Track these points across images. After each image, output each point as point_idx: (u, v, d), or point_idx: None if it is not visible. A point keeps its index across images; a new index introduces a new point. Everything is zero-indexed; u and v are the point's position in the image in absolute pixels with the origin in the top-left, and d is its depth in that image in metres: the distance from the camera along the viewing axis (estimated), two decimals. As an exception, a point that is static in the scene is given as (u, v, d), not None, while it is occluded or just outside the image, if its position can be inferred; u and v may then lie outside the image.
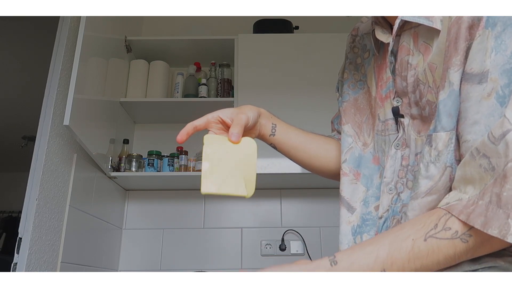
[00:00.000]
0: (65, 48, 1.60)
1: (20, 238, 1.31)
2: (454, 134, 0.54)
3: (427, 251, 0.51)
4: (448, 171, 0.55)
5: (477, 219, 0.47)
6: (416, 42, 0.63)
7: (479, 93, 0.50)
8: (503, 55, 0.48)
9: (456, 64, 0.53)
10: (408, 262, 0.52)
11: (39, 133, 1.45)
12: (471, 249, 0.50)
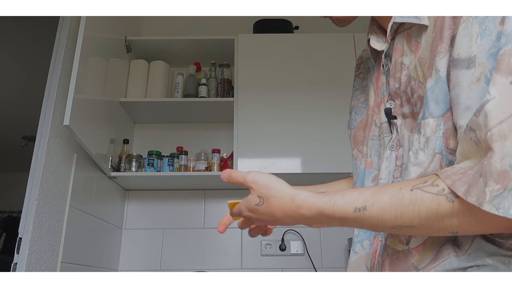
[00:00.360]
0: (65, 48, 1.60)
1: (20, 238, 1.31)
2: (442, 120, 0.55)
3: (410, 199, 0.51)
4: (438, 158, 0.56)
5: (461, 186, 0.47)
6: (409, 43, 0.65)
7: (468, 78, 0.51)
8: (489, 39, 0.50)
9: (442, 52, 0.55)
10: (389, 206, 0.52)
11: (39, 133, 1.45)
12: (456, 213, 0.49)
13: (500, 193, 0.44)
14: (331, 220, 0.56)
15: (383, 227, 0.54)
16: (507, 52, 0.47)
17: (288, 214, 0.57)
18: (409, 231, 0.54)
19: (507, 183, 0.44)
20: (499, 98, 0.47)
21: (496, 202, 0.44)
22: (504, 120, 0.46)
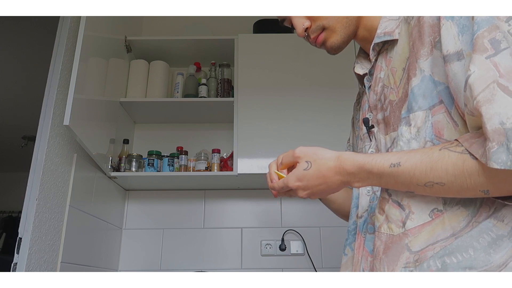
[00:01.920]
0: (65, 48, 1.60)
1: (20, 238, 1.31)
2: (430, 113, 0.64)
3: (439, 156, 0.57)
4: (429, 146, 0.63)
5: (478, 150, 0.54)
6: (385, 59, 0.75)
7: (461, 68, 0.58)
8: (468, 34, 0.59)
9: (424, 55, 0.65)
10: (420, 162, 0.58)
11: (39, 133, 1.45)
12: (481, 171, 0.54)
13: (497, 148, 0.50)
14: (370, 175, 0.62)
15: (416, 184, 0.59)
16: (479, 35, 0.56)
17: (334, 171, 0.65)
18: (440, 190, 0.58)
19: (501, 139, 0.50)
20: (478, 71, 0.54)
21: (495, 158, 0.50)
22: (485, 87, 0.53)
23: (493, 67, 0.54)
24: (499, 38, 0.55)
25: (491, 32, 0.56)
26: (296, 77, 2.03)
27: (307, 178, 0.67)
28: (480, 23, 0.57)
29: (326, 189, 0.68)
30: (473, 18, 0.59)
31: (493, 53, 0.55)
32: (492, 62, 0.54)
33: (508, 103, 0.51)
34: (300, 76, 2.03)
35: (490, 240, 0.57)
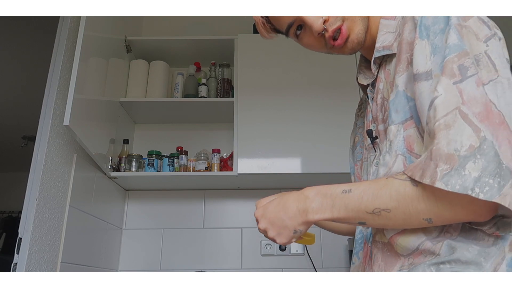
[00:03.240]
0: (65, 48, 1.60)
1: (20, 238, 1.31)
2: (402, 127, 0.66)
3: (384, 184, 0.61)
4: (401, 159, 0.65)
5: (418, 172, 0.57)
6: (384, 71, 0.75)
7: (428, 88, 0.60)
8: (439, 56, 0.60)
9: (400, 71, 0.67)
10: (368, 189, 0.62)
11: (39, 133, 1.45)
12: (421, 197, 0.57)
13: (448, 172, 0.53)
14: (324, 200, 0.64)
15: (365, 212, 0.61)
16: (450, 60, 0.58)
17: (293, 198, 0.67)
18: (388, 217, 0.60)
19: (453, 164, 0.53)
20: (444, 95, 0.57)
21: (446, 179, 0.53)
22: (449, 112, 0.55)
23: (458, 93, 0.56)
24: (467, 64, 0.57)
25: (460, 58, 0.58)
26: (296, 77, 2.03)
27: (267, 208, 0.71)
28: (452, 47, 0.59)
29: (284, 217, 0.68)
30: (447, 39, 0.60)
31: (460, 80, 0.57)
32: (457, 88, 0.56)
33: (465, 132, 0.54)
34: (300, 76, 2.03)
35: (479, 249, 0.59)
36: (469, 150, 0.53)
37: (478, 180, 0.51)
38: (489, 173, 0.52)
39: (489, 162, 0.52)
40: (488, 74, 0.58)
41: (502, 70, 0.59)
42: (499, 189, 0.51)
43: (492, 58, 0.60)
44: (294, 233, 0.69)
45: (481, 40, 0.61)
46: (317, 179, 1.95)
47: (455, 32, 0.60)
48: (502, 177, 0.51)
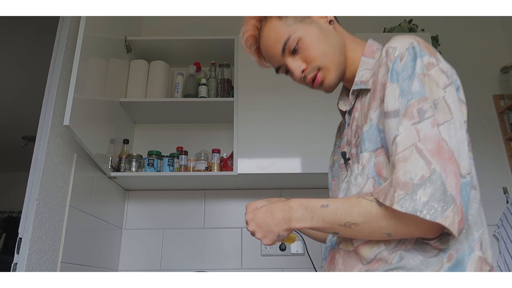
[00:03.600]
0: (65, 48, 1.60)
1: (20, 238, 1.31)
2: (374, 154, 0.78)
3: (355, 202, 0.73)
4: (371, 182, 0.77)
5: (381, 195, 0.69)
6: (360, 103, 0.87)
7: (394, 125, 0.72)
8: (405, 98, 0.72)
9: (374, 107, 0.79)
10: (342, 205, 0.74)
11: (39, 133, 1.45)
12: (384, 215, 0.69)
13: (403, 196, 0.65)
14: (305, 212, 0.76)
15: (338, 224, 0.73)
16: (411, 104, 0.70)
17: (280, 208, 0.79)
18: (356, 230, 0.72)
19: (407, 190, 0.65)
20: (404, 133, 0.69)
21: (401, 202, 0.65)
22: (407, 148, 0.67)
23: (415, 132, 0.68)
24: (426, 108, 0.69)
25: (420, 103, 0.70)
26: (296, 77, 2.03)
27: (257, 213, 0.82)
28: (414, 93, 0.71)
29: (271, 223, 0.79)
30: (412, 84, 0.72)
31: (418, 121, 0.69)
32: (415, 128, 0.68)
33: (419, 164, 0.65)
34: (300, 76, 2.03)
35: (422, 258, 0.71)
36: (421, 180, 0.64)
37: (426, 204, 0.63)
38: (435, 199, 0.63)
39: (436, 190, 0.63)
40: (444, 116, 0.70)
41: (456, 113, 0.71)
42: (442, 212, 0.62)
43: (449, 103, 0.71)
44: (277, 237, 0.81)
45: (440, 87, 0.72)
46: (317, 179, 1.95)
47: (418, 81, 0.72)
48: (446, 202, 0.63)
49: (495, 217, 2.16)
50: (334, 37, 0.89)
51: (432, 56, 0.75)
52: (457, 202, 0.64)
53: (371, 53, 0.88)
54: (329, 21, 0.90)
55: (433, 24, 2.55)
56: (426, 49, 0.75)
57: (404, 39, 0.77)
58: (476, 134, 2.34)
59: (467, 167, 0.69)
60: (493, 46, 2.56)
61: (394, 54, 0.76)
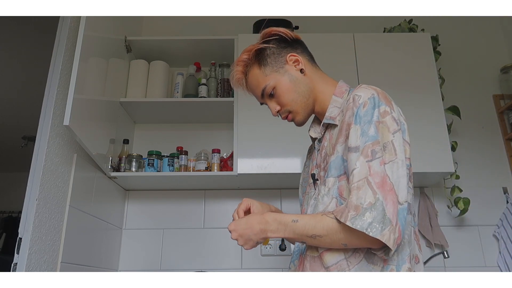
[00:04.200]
0: (65, 48, 1.60)
1: (20, 238, 1.31)
2: (337, 179, 0.96)
3: (320, 219, 0.92)
4: (334, 201, 0.96)
5: (339, 214, 0.88)
6: (329, 134, 1.05)
7: (354, 159, 0.90)
8: (363, 138, 0.91)
9: (340, 142, 0.97)
10: (309, 220, 0.92)
11: (39, 133, 1.45)
12: (341, 229, 0.88)
13: (354, 216, 0.84)
14: (279, 226, 0.95)
15: (306, 236, 0.92)
16: (367, 146, 0.90)
17: (257, 221, 0.97)
18: (320, 241, 0.91)
19: (358, 212, 0.84)
20: (359, 168, 0.88)
21: (352, 221, 0.84)
22: (361, 179, 0.87)
23: (368, 168, 0.87)
24: (377, 150, 0.89)
25: (374, 145, 0.89)
26: (296, 77, 2.02)
27: (239, 223, 0.99)
28: (370, 137, 0.90)
29: (250, 233, 0.97)
30: (369, 128, 0.91)
31: (370, 159, 0.88)
32: (368, 164, 0.88)
33: (368, 193, 0.85)
34: (300, 76, 2.03)
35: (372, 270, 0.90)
36: (368, 205, 0.84)
37: (371, 224, 0.82)
38: (377, 221, 0.83)
39: (378, 214, 0.83)
40: (390, 156, 0.89)
41: (400, 154, 0.90)
42: (381, 231, 0.82)
43: (395, 146, 0.90)
44: (256, 243, 0.98)
45: (391, 132, 0.91)
46: (317, 179, 1.94)
47: (374, 127, 0.91)
48: (384, 224, 0.82)
49: (495, 217, 2.16)
50: (303, 84, 1.08)
51: (387, 106, 0.94)
52: (393, 223, 0.83)
53: (340, 93, 1.06)
54: (300, 69, 1.08)
55: (433, 24, 2.55)
56: (383, 100, 0.95)
57: (367, 89, 0.96)
58: (476, 134, 2.35)
59: (404, 196, 0.87)
60: (493, 46, 2.56)
61: (359, 101, 0.94)
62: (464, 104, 2.35)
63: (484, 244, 2.13)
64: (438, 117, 1.99)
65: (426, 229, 2.09)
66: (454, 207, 2.10)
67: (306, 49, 1.15)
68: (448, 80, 2.37)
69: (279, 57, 1.10)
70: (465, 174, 2.22)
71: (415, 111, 1.99)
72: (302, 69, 1.08)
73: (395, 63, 2.09)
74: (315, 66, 1.13)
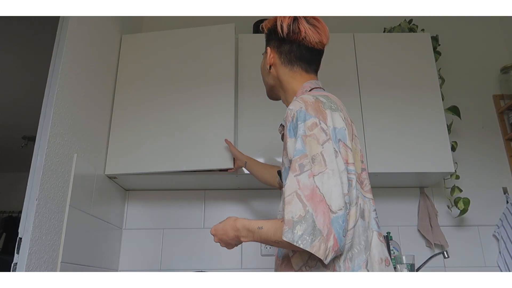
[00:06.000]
0: (65, 48, 1.60)
1: (20, 238, 1.31)
2: None
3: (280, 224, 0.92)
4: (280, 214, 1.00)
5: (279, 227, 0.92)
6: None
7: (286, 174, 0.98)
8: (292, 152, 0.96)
9: (284, 154, 1.02)
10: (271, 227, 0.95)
11: (39, 133, 1.45)
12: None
13: (287, 230, 0.87)
14: (248, 232, 1.01)
15: (270, 240, 0.95)
16: (294, 160, 0.93)
17: (231, 227, 1.05)
18: (280, 245, 0.93)
19: (289, 226, 0.87)
20: (289, 183, 0.91)
21: (285, 234, 0.87)
22: (290, 194, 0.90)
23: (296, 182, 0.90)
24: (305, 163, 0.91)
25: (301, 159, 0.92)
26: (296, 77, 2.02)
27: (216, 228, 1.09)
28: (297, 151, 0.93)
29: (227, 238, 1.06)
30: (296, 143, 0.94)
31: (299, 173, 0.91)
32: (296, 179, 0.90)
33: (297, 206, 0.87)
34: (300, 76, 2.03)
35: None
36: (298, 218, 0.86)
37: (301, 236, 0.85)
38: (307, 233, 0.85)
39: (308, 226, 0.85)
40: (319, 168, 0.90)
41: (330, 164, 0.91)
42: (311, 242, 0.84)
43: (325, 156, 0.91)
44: (235, 245, 1.08)
45: (320, 143, 0.93)
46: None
47: (301, 141, 0.94)
48: (314, 235, 0.84)
49: (495, 217, 2.16)
50: (266, 76, 1.24)
51: (316, 117, 0.96)
52: (323, 234, 0.85)
53: (301, 94, 1.09)
54: (269, 65, 1.19)
55: (433, 24, 2.55)
56: (312, 111, 0.97)
57: (297, 102, 1.00)
58: (476, 134, 2.35)
59: (338, 205, 0.88)
60: (493, 46, 2.57)
61: (290, 115, 0.99)
62: (464, 104, 2.35)
63: (484, 244, 2.13)
64: (438, 117, 1.99)
65: (426, 229, 2.09)
66: (454, 207, 2.11)
67: (293, 49, 1.16)
68: (448, 80, 2.37)
69: (267, 43, 1.22)
70: (465, 174, 2.23)
71: (415, 111, 2.00)
72: (271, 65, 1.19)
73: (395, 63, 2.09)
74: (289, 66, 1.17)
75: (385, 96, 2.02)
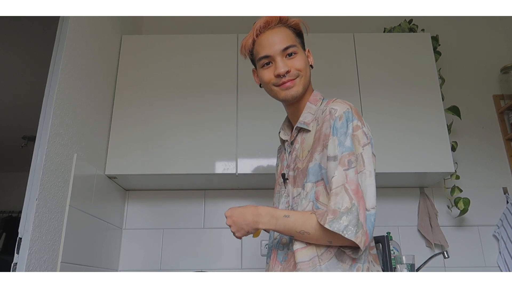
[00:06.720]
0: (65, 48, 1.60)
1: (20, 238, 1.31)
2: (315, 185, 1.03)
3: (308, 216, 0.99)
4: (311, 204, 1.03)
5: (319, 216, 0.96)
6: (301, 137, 1.14)
7: (332, 167, 0.99)
8: (341, 149, 0.99)
9: (318, 150, 1.04)
10: (299, 217, 0.99)
11: (39, 133, 1.45)
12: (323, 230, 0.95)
13: (332, 219, 0.93)
14: (271, 219, 1.02)
15: (295, 231, 0.99)
16: (343, 156, 0.98)
17: (251, 212, 1.06)
18: (307, 237, 0.98)
19: (335, 215, 0.93)
20: (337, 176, 0.96)
21: (330, 223, 0.92)
22: (338, 186, 0.95)
23: (345, 176, 0.96)
24: (352, 160, 0.98)
25: (349, 156, 0.98)
26: (296, 77, 2.02)
27: (234, 212, 1.08)
28: (347, 148, 0.99)
29: (242, 222, 1.05)
30: (345, 140, 0.99)
31: (347, 168, 0.97)
32: (345, 173, 0.96)
33: (345, 199, 0.93)
34: (300, 76, 2.03)
35: (341, 271, 0.96)
36: (345, 210, 0.92)
37: (346, 227, 0.91)
38: (352, 224, 0.91)
39: (353, 218, 0.92)
40: (359, 167, 0.98)
41: (368, 166, 0.99)
42: (355, 233, 0.91)
43: (364, 158, 1.00)
44: (247, 233, 1.06)
45: (361, 145, 1.01)
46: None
47: (350, 139, 1.00)
48: (358, 227, 0.91)
49: (495, 217, 2.16)
50: (309, 72, 1.17)
51: (359, 121, 1.03)
52: (364, 227, 0.92)
53: (315, 101, 1.14)
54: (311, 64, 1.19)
55: (433, 24, 2.55)
56: (356, 115, 1.03)
57: (343, 104, 1.04)
58: (476, 134, 2.35)
59: (371, 203, 0.96)
60: (493, 46, 2.57)
61: (335, 114, 1.02)
62: (464, 104, 2.35)
63: (484, 244, 2.13)
64: (438, 117, 1.99)
65: (426, 229, 2.09)
66: (454, 207, 2.10)
67: None
68: (448, 80, 2.37)
69: (304, 44, 1.22)
70: (465, 174, 2.23)
71: (415, 111, 2.00)
72: (312, 65, 1.20)
73: (395, 63, 2.09)
74: None
75: (385, 96, 2.02)
